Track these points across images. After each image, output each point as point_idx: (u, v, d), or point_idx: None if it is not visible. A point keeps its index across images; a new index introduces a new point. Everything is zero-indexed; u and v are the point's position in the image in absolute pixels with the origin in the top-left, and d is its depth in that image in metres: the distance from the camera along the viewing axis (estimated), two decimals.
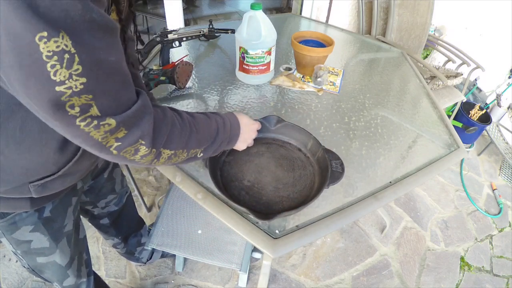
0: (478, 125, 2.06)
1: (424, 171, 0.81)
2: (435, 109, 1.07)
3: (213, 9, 3.37)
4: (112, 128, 0.39)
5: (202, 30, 1.28)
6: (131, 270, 1.38)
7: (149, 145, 0.44)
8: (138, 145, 0.43)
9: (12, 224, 0.60)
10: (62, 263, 0.73)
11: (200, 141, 0.55)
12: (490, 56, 2.23)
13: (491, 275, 1.54)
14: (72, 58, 0.33)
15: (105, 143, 0.40)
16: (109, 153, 0.42)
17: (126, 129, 0.40)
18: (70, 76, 0.33)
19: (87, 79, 0.35)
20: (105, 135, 0.39)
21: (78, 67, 0.33)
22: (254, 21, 0.97)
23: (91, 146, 0.40)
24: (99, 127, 0.38)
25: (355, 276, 1.43)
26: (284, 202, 0.68)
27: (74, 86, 0.34)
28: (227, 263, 1.06)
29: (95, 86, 0.36)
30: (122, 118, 0.40)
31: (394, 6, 1.83)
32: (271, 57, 1.04)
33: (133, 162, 0.46)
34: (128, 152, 0.43)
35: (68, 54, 0.32)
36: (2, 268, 1.34)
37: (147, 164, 0.48)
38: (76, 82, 0.34)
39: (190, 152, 0.54)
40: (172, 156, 0.50)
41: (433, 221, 1.73)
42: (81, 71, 0.34)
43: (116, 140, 0.41)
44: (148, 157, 0.46)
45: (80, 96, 0.35)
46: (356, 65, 1.34)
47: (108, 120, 0.38)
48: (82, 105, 0.36)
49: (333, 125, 0.94)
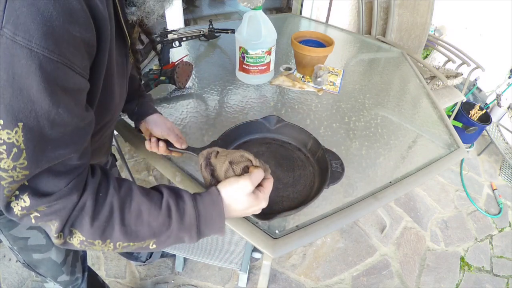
0: (478, 125, 2.06)
1: (424, 171, 0.81)
2: (435, 109, 1.07)
3: (213, 9, 3.37)
4: (27, 207, 0.37)
5: (202, 30, 1.28)
6: (131, 270, 1.38)
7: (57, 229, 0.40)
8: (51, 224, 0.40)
9: (10, 220, 0.61)
10: (57, 260, 0.73)
11: (132, 235, 0.43)
12: (490, 56, 2.23)
13: (491, 275, 1.54)
14: (19, 154, 0.33)
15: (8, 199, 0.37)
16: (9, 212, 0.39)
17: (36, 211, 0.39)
18: (14, 168, 0.33)
19: (29, 172, 0.35)
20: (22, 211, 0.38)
21: (24, 162, 0.33)
22: (254, 21, 0.97)
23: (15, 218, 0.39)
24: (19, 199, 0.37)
25: (355, 276, 1.43)
26: (284, 202, 0.67)
27: (16, 176, 0.34)
28: (227, 263, 1.06)
29: (35, 179, 0.36)
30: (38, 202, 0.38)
31: (394, 6, 1.83)
32: (271, 57, 1.04)
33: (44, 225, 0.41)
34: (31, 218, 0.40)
35: (17, 149, 0.32)
36: (2, 268, 1.34)
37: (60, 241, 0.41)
38: (19, 173, 0.34)
39: (117, 244, 0.43)
40: (88, 244, 0.42)
41: (433, 221, 1.73)
42: (26, 165, 0.34)
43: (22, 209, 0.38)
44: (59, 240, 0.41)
45: (19, 182, 0.35)
46: (356, 65, 1.34)
47: (25, 197, 0.37)
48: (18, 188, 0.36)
49: (333, 125, 0.94)
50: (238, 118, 0.93)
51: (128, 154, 1.90)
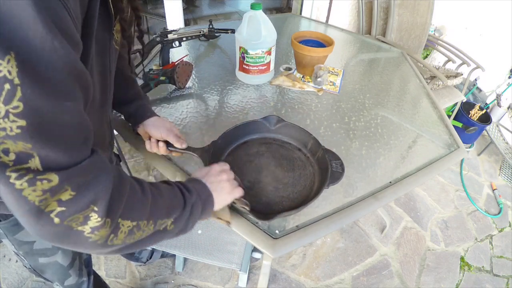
0: (478, 125, 2.06)
1: (424, 171, 0.81)
2: (435, 109, 1.07)
3: (213, 9, 3.37)
4: (54, 187, 0.30)
5: (202, 30, 1.28)
6: (131, 270, 1.38)
7: (103, 214, 0.34)
8: (89, 211, 0.32)
9: (14, 225, 0.60)
10: (64, 263, 0.73)
11: (168, 209, 0.44)
12: (490, 56, 2.23)
13: (491, 275, 1.54)
14: (13, 91, 0.26)
15: (44, 207, 0.30)
16: (48, 222, 0.31)
17: (73, 189, 0.31)
18: (6, 114, 0.26)
19: (27, 122, 0.27)
20: (43, 196, 0.29)
21: (18, 104, 0.26)
22: (254, 21, 0.97)
23: (24, 211, 0.30)
24: (35, 183, 0.29)
25: (355, 276, 1.43)
26: (284, 202, 0.67)
27: (9, 129, 0.26)
28: (227, 263, 1.06)
29: (36, 133, 0.28)
30: (68, 173, 0.30)
31: (394, 6, 1.83)
32: (271, 57, 1.04)
33: (80, 237, 0.33)
34: (75, 221, 0.32)
35: (10, 85, 0.25)
36: (2, 268, 1.34)
37: (100, 243, 0.35)
38: (13, 124, 0.26)
39: (157, 223, 0.42)
40: (135, 230, 0.39)
41: (433, 221, 1.73)
42: (22, 110, 0.26)
43: (59, 204, 0.30)
44: (101, 231, 0.34)
45: (16, 142, 0.27)
46: (356, 65, 1.34)
47: (49, 175, 0.29)
48: (19, 153, 0.28)
49: (333, 125, 0.94)
50: (238, 118, 0.93)
51: (128, 154, 1.90)
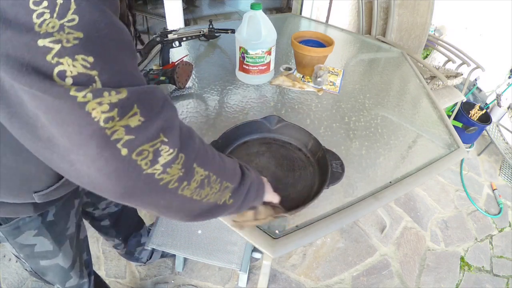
0: (478, 125, 2.06)
1: (424, 171, 0.81)
2: (435, 109, 1.07)
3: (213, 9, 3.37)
4: (122, 100, 0.26)
5: (202, 30, 1.28)
6: (131, 270, 1.38)
7: (174, 144, 0.29)
8: (159, 143, 0.28)
9: (15, 228, 0.60)
10: (65, 265, 0.73)
11: (231, 174, 0.41)
12: (490, 56, 2.23)
13: (491, 275, 1.54)
14: (67, 4, 0.24)
15: (110, 133, 0.25)
16: (114, 155, 0.26)
17: (141, 114, 0.27)
18: (61, 27, 0.24)
19: (84, 33, 0.25)
20: (110, 113, 0.25)
21: (73, 17, 0.24)
22: (254, 21, 0.97)
23: (86, 136, 0.25)
24: (102, 94, 0.25)
25: (355, 276, 1.43)
26: (284, 202, 0.67)
27: (65, 40, 0.24)
28: (227, 263, 1.06)
29: (97, 44, 0.25)
30: (137, 90, 0.27)
31: (394, 6, 1.83)
32: (271, 57, 1.04)
33: (152, 180, 0.29)
34: (145, 155, 0.27)
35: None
36: (2, 268, 1.34)
37: (172, 187, 0.31)
38: (69, 36, 0.24)
39: (222, 184, 0.38)
40: (205, 182, 0.35)
41: (433, 221, 1.73)
42: (77, 22, 0.24)
43: (126, 131, 0.26)
44: (174, 168, 0.30)
45: (74, 57, 0.24)
46: (356, 65, 1.34)
47: (119, 88, 0.26)
48: (77, 76, 0.24)
49: (333, 125, 0.94)
50: (238, 118, 0.93)
51: None
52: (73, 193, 0.69)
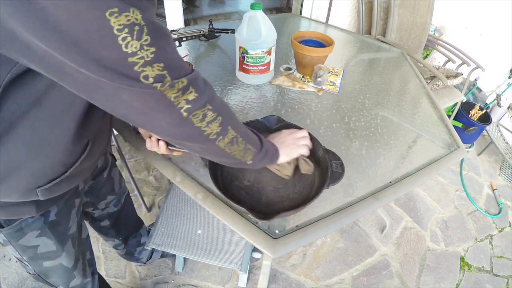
0: (478, 125, 2.06)
1: (424, 171, 0.81)
2: (435, 109, 1.07)
3: (213, 9, 3.37)
4: (184, 86, 0.40)
5: (202, 30, 1.28)
6: (131, 270, 1.38)
7: (216, 110, 0.45)
8: (206, 109, 0.43)
9: (18, 230, 0.60)
10: (68, 265, 0.73)
11: (252, 139, 0.55)
12: (490, 56, 2.23)
13: (491, 275, 1.54)
14: (141, 30, 0.34)
15: (176, 103, 0.40)
16: (178, 116, 0.41)
17: (195, 91, 0.41)
18: (141, 47, 0.34)
19: (155, 48, 0.36)
20: (177, 93, 0.39)
21: (147, 37, 0.34)
22: (254, 21, 0.97)
23: (163, 107, 0.40)
24: (174, 85, 0.38)
25: (355, 276, 1.43)
26: (284, 202, 0.68)
27: (146, 56, 0.35)
28: (227, 263, 1.06)
29: (163, 54, 0.37)
30: (191, 78, 0.41)
31: (394, 6, 1.83)
32: (271, 57, 1.04)
33: (199, 131, 0.45)
34: (196, 116, 0.43)
35: (138, 26, 0.34)
36: (2, 268, 1.34)
37: (212, 138, 0.47)
38: (147, 52, 0.35)
39: (246, 145, 0.53)
40: (234, 140, 0.50)
41: (433, 221, 1.73)
42: (150, 41, 0.35)
43: (186, 102, 0.41)
44: (214, 124, 0.46)
45: (153, 65, 0.36)
46: (356, 65, 1.34)
47: (181, 79, 0.39)
48: (156, 76, 0.37)
49: (333, 125, 0.94)
50: (238, 118, 0.93)
51: (128, 154, 1.90)
52: (74, 193, 0.69)
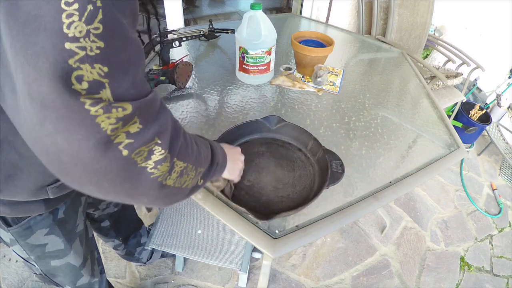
0: (478, 125, 2.06)
1: (424, 171, 0.81)
2: (435, 109, 1.07)
3: (213, 9, 3.37)
4: (127, 115, 0.30)
5: (202, 30, 1.28)
6: (131, 270, 1.38)
7: (166, 146, 0.35)
8: (153, 145, 0.33)
9: (27, 228, 0.60)
10: (76, 263, 0.73)
11: (204, 160, 0.46)
12: (490, 56, 2.23)
13: (491, 275, 1.54)
14: (95, 12, 0.26)
15: (113, 138, 0.30)
16: (116, 155, 0.30)
17: (140, 122, 0.32)
18: (87, 33, 0.26)
19: (105, 44, 0.28)
20: (116, 124, 0.29)
21: (98, 25, 0.27)
22: (254, 21, 0.97)
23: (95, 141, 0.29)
24: (111, 110, 0.29)
25: (355, 276, 1.43)
26: (284, 202, 0.68)
27: (89, 48, 0.27)
28: (227, 263, 1.06)
29: (112, 56, 0.29)
30: (139, 104, 0.31)
31: (394, 6, 1.83)
32: (271, 57, 1.04)
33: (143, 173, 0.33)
34: (140, 155, 0.32)
35: (92, 6, 0.26)
36: (2, 268, 1.34)
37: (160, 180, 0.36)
38: (93, 44, 0.27)
39: (197, 170, 0.44)
40: (184, 172, 0.40)
41: (433, 221, 1.73)
42: (101, 32, 0.27)
43: (127, 136, 0.31)
44: (163, 166, 0.35)
45: (93, 65, 0.27)
46: (356, 65, 1.34)
47: (123, 103, 0.30)
48: (92, 82, 0.28)
49: (333, 125, 0.94)
50: (238, 118, 0.93)
51: None
52: None
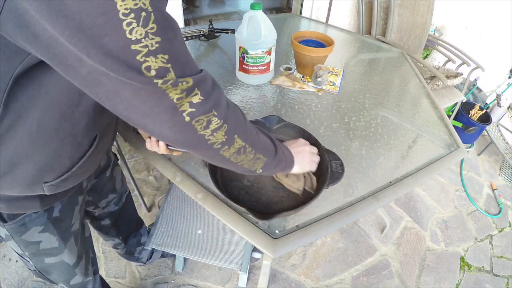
0: (478, 125, 2.06)
1: (424, 171, 0.81)
2: (435, 109, 1.07)
3: (213, 9, 3.37)
4: (189, 87, 0.37)
5: (202, 30, 1.28)
6: (131, 270, 1.38)
7: (222, 117, 0.41)
8: (211, 115, 0.40)
9: (22, 225, 0.60)
10: (70, 262, 0.73)
11: (264, 147, 0.52)
12: (490, 56, 2.23)
13: (491, 275, 1.54)
14: (148, 16, 0.32)
15: (179, 106, 0.37)
16: (180, 120, 0.38)
17: (201, 94, 0.38)
18: (146, 34, 0.32)
19: (161, 38, 0.34)
20: (181, 94, 0.36)
21: (153, 25, 0.33)
22: (254, 21, 0.97)
23: (164, 109, 0.36)
24: (177, 84, 0.36)
25: (355, 276, 1.43)
26: (284, 202, 0.68)
27: (150, 45, 0.33)
28: (227, 263, 1.06)
29: (169, 46, 0.35)
30: (198, 78, 0.38)
31: (394, 6, 1.83)
32: (271, 57, 1.04)
33: (203, 139, 0.41)
34: (200, 123, 0.39)
35: (145, 12, 0.32)
36: (2, 268, 1.34)
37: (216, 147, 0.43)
38: (152, 41, 0.33)
39: (256, 155, 0.50)
40: (242, 150, 0.47)
41: (433, 221, 1.73)
42: (156, 30, 0.33)
43: (190, 105, 0.38)
44: (219, 133, 0.42)
45: (156, 56, 0.34)
46: (356, 65, 1.34)
47: (186, 78, 0.37)
48: (159, 69, 0.34)
49: (333, 125, 0.94)
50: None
51: (128, 154, 1.90)
52: (78, 190, 0.69)
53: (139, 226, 1.18)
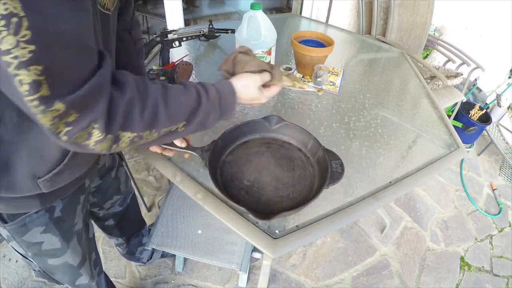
0: (478, 125, 2.06)
1: (424, 171, 0.81)
2: (435, 109, 1.07)
3: (213, 9, 3.37)
4: (61, 113, 0.35)
5: (202, 30, 1.28)
6: (131, 270, 1.38)
7: (103, 129, 0.39)
8: (91, 129, 0.38)
9: (22, 226, 0.60)
10: (74, 262, 0.72)
11: (173, 117, 0.48)
12: (490, 56, 2.23)
13: (491, 275, 1.54)
14: (20, 22, 0.29)
15: (54, 129, 0.36)
16: (59, 139, 0.38)
17: (76, 112, 0.36)
18: (17, 43, 0.29)
19: (35, 46, 0.30)
20: (53, 121, 0.35)
21: (26, 32, 0.29)
22: (254, 21, 0.97)
23: (44, 129, 0.36)
24: (46, 113, 0.34)
25: (355, 276, 1.44)
26: (284, 202, 0.67)
27: (21, 55, 0.30)
28: (227, 263, 1.06)
29: (45, 55, 0.31)
30: (72, 100, 0.35)
31: (394, 6, 1.83)
32: (271, 57, 1.04)
33: (87, 148, 0.40)
34: (80, 138, 0.38)
35: (17, 18, 0.29)
36: (2, 268, 1.34)
37: (105, 151, 0.43)
38: (24, 51, 0.30)
39: (161, 131, 0.47)
40: (136, 139, 0.45)
41: (433, 221, 1.73)
42: (30, 37, 0.30)
43: (66, 125, 0.36)
44: (103, 144, 0.41)
45: (29, 68, 0.31)
46: (356, 65, 1.34)
47: (56, 105, 0.34)
48: (32, 83, 0.31)
49: (333, 125, 0.94)
50: (238, 118, 0.93)
51: (128, 154, 1.90)
52: (79, 189, 0.69)
53: (141, 226, 1.18)
